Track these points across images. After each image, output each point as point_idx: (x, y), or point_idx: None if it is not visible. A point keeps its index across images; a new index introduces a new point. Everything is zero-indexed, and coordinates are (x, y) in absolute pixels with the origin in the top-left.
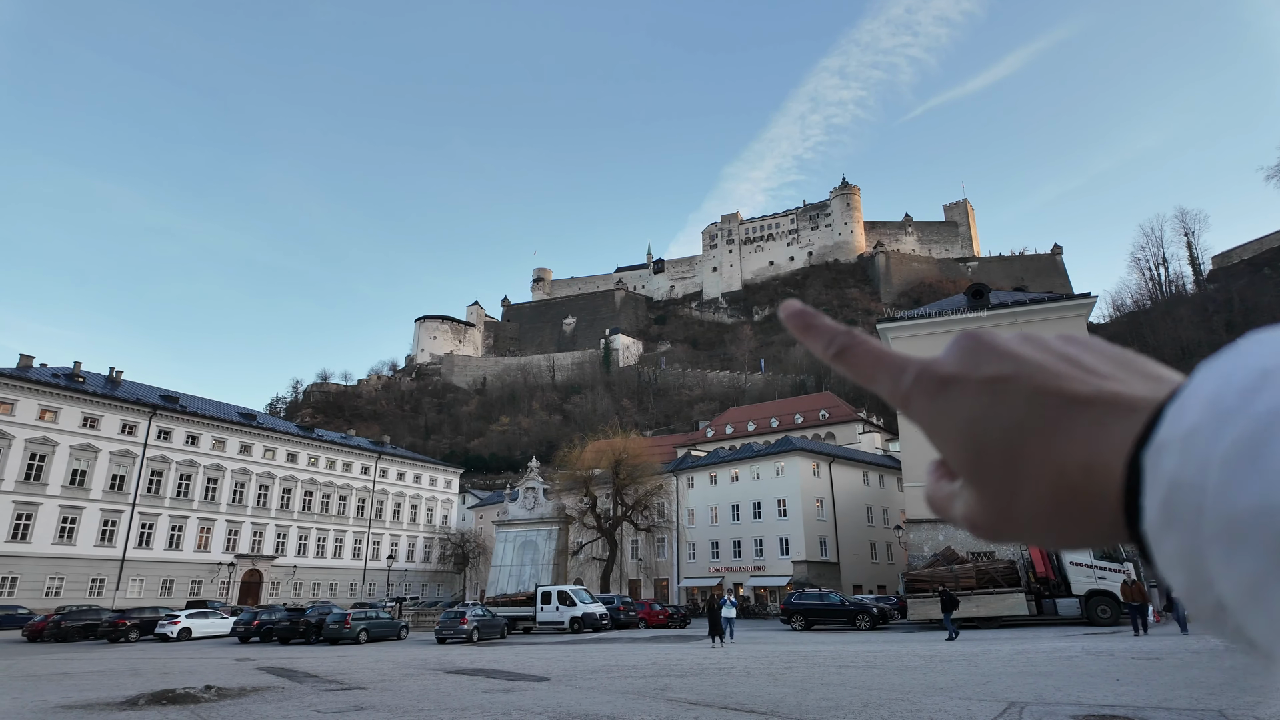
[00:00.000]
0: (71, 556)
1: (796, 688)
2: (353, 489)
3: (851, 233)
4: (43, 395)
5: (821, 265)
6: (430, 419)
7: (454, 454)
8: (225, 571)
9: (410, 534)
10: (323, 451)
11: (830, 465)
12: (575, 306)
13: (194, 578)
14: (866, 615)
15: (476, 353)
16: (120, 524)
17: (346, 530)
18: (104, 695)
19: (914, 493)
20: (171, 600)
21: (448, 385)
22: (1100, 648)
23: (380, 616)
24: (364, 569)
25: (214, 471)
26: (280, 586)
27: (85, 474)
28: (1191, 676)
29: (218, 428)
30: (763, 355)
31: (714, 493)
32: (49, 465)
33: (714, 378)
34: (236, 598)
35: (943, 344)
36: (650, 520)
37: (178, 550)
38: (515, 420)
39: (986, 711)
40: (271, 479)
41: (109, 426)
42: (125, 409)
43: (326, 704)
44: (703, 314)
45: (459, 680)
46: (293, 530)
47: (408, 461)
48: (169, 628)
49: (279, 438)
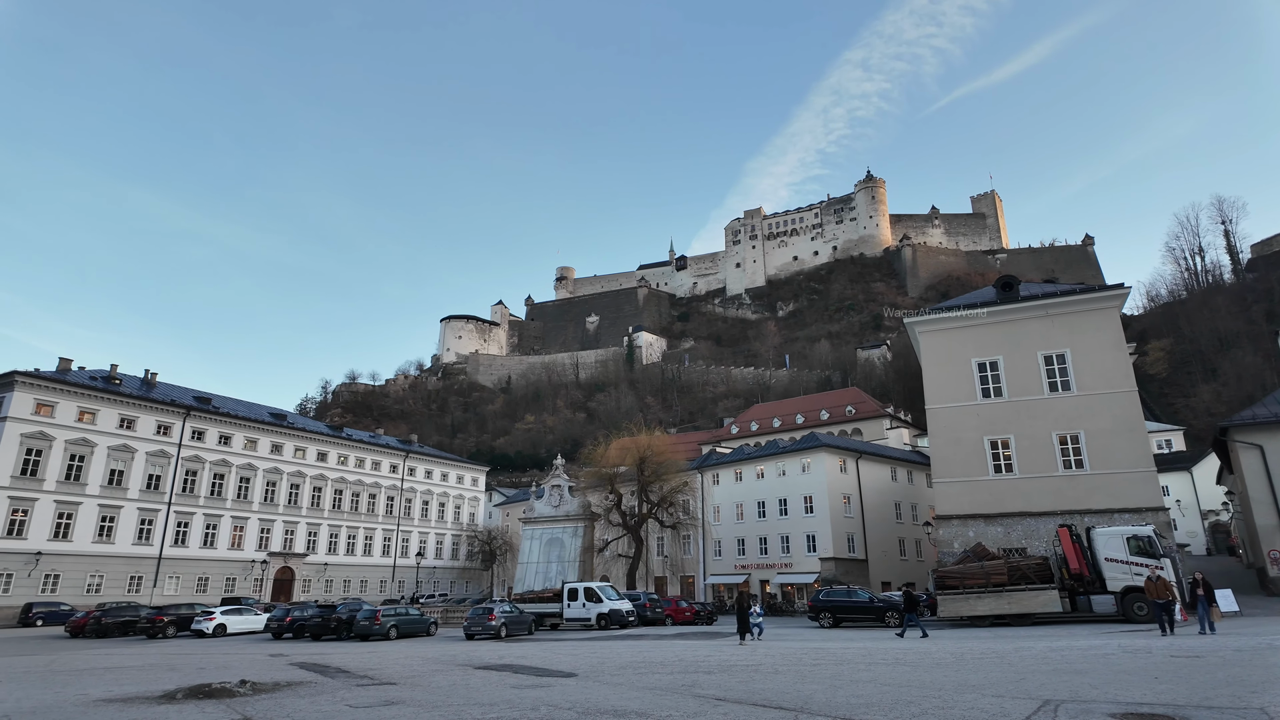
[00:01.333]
0: (111, 555)
1: (825, 684)
2: (382, 487)
3: (877, 226)
4: (81, 397)
5: (846, 259)
6: (456, 418)
7: (480, 452)
8: (258, 569)
9: (438, 531)
10: (352, 451)
11: (857, 461)
12: (598, 305)
13: (228, 575)
14: (896, 612)
15: (501, 352)
16: (157, 523)
17: (376, 528)
18: (143, 689)
19: (943, 488)
20: (207, 597)
21: (473, 384)
22: (1137, 645)
23: (409, 613)
24: (393, 566)
25: (246, 471)
26: (312, 583)
27: (123, 474)
28: (1233, 675)
29: (249, 428)
30: (787, 351)
31: (739, 490)
32: (88, 466)
33: (738, 374)
34: (269, 595)
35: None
36: (675, 517)
37: (212, 548)
38: (540, 418)
39: (1020, 709)
40: (302, 478)
41: (145, 427)
42: (160, 410)
43: (358, 699)
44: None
45: (488, 676)
46: (323, 528)
47: (435, 460)
48: (204, 624)
49: (309, 437)
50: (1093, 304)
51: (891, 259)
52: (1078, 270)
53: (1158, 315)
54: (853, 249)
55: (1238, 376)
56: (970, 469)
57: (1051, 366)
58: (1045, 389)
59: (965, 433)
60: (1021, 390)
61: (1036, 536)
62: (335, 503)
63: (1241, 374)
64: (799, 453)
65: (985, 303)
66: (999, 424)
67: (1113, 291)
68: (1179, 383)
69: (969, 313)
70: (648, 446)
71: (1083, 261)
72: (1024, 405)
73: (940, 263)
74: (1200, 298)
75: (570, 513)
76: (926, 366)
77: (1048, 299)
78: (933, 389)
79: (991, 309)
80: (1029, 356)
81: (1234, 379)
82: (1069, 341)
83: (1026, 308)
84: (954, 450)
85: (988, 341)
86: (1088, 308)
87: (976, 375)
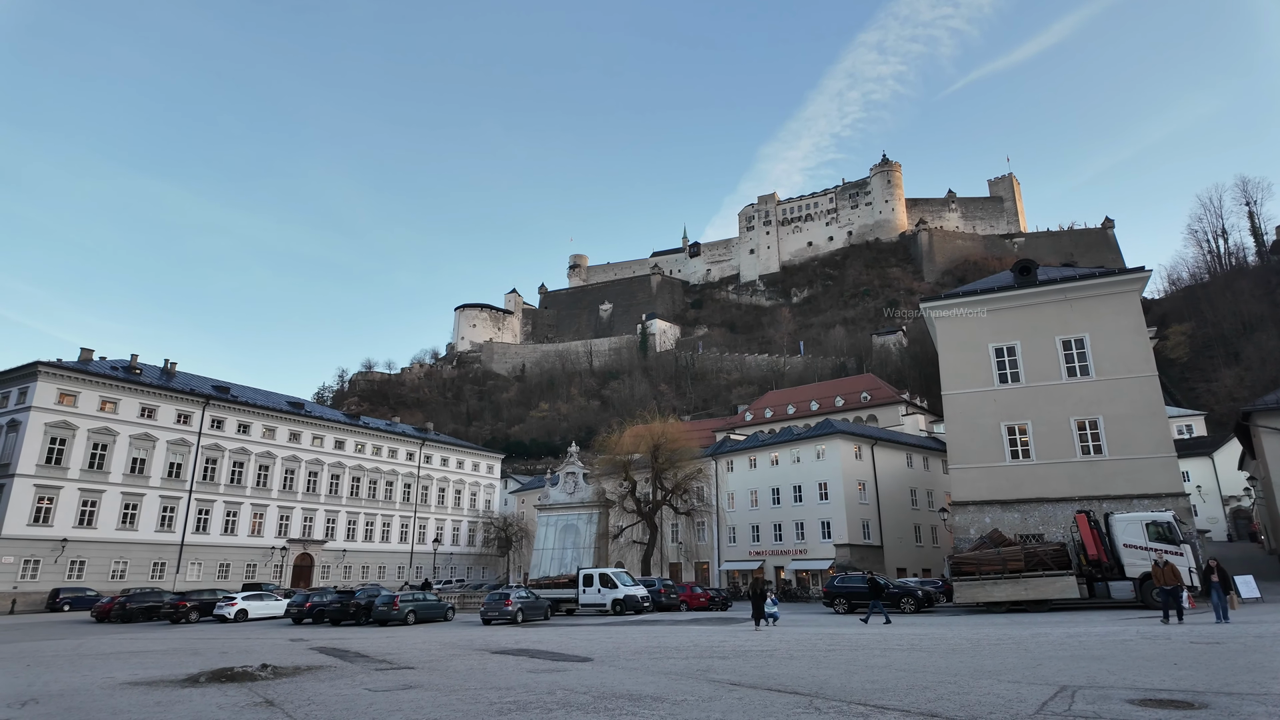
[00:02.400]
0: (134, 541)
1: (840, 670)
2: (398, 474)
3: (893, 211)
4: (103, 387)
5: (862, 245)
6: (471, 406)
7: (495, 440)
8: (278, 555)
9: (455, 518)
10: (369, 438)
11: (873, 448)
12: (611, 292)
13: (249, 561)
14: (911, 598)
15: (515, 340)
16: (178, 510)
17: (394, 515)
18: (167, 673)
19: (959, 474)
20: (228, 583)
21: (488, 372)
22: (1156, 632)
23: (427, 598)
24: (410, 552)
25: (265, 459)
26: (330, 570)
27: (144, 462)
28: (1254, 661)
29: (268, 416)
30: (802, 338)
31: (754, 476)
32: (110, 454)
33: (752, 361)
34: (289, 580)
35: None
36: (690, 504)
37: (233, 535)
38: (554, 406)
39: (1036, 695)
40: (320, 465)
41: (165, 416)
42: (180, 399)
43: (377, 683)
44: (740, 297)
45: (504, 660)
46: (341, 515)
47: (451, 447)
48: (226, 609)
49: (327, 425)
50: (1112, 288)
51: (908, 244)
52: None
53: (1179, 299)
54: (868, 234)
55: (1261, 360)
56: (987, 455)
57: (1070, 351)
58: (1064, 374)
59: (982, 418)
60: (1039, 375)
61: (1054, 522)
62: (353, 490)
63: (1265, 358)
64: (814, 439)
65: (1003, 287)
66: (1016, 409)
67: (1133, 275)
68: (1200, 367)
69: (986, 297)
70: (662, 434)
71: (1102, 245)
72: (1042, 390)
73: (957, 247)
74: (1223, 281)
75: (585, 500)
76: (943, 352)
77: (1066, 283)
78: (949, 375)
79: (1009, 293)
80: (1047, 341)
81: (1257, 363)
82: (1088, 326)
83: (1045, 292)
84: (971, 436)
85: (1005, 326)
86: (1107, 292)
87: (994, 360)
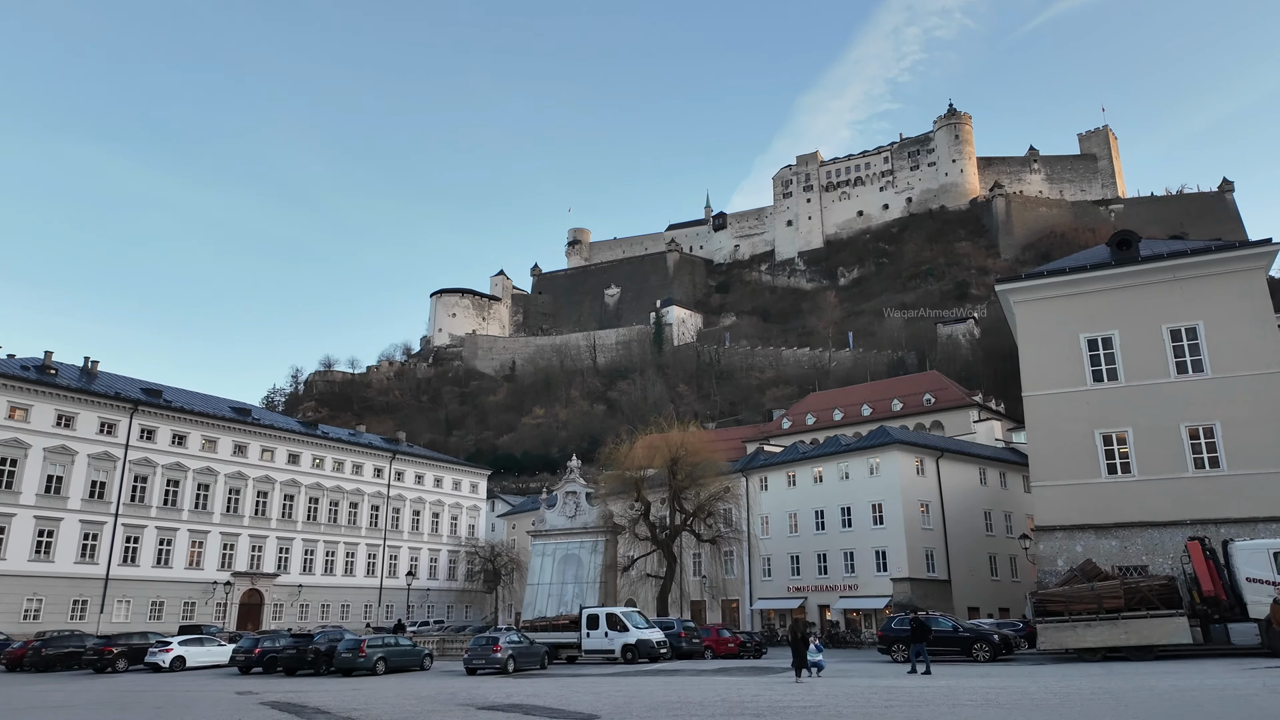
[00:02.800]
0: (50, 575)
1: None
2: (364, 495)
3: (961, 172)
4: (11, 391)
5: (924, 214)
6: (452, 411)
7: (480, 452)
8: (221, 591)
9: (432, 546)
10: (329, 451)
11: (938, 461)
12: (620, 273)
13: (186, 598)
14: (985, 644)
15: (503, 332)
16: (103, 537)
17: (359, 543)
18: None
19: (1043, 493)
20: (162, 625)
21: (471, 371)
22: None
23: (399, 643)
24: (379, 588)
25: (205, 476)
26: (284, 609)
27: (62, 480)
28: None
29: (208, 425)
30: (850, 328)
31: (793, 496)
32: (21, 471)
33: (790, 356)
34: (235, 622)
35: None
36: (715, 530)
37: (167, 567)
38: (551, 411)
39: None
40: (271, 484)
41: (86, 425)
42: (104, 405)
43: None
44: (775, 278)
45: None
46: (297, 543)
47: (427, 462)
48: (160, 656)
49: (278, 436)
50: (1232, 265)
51: (980, 212)
52: (1213, 223)
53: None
54: (931, 201)
55: None
56: (1077, 469)
57: (1179, 343)
58: (1171, 370)
59: (1071, 425)
60: (1141, 373)
61: (1160, 552)
62: (310, 513)
63: None
64: (866, 451)
65: (1097, 265)
66: (1113, 414)
67: (1258, 249)
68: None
69: (1076, 277)
70: (681, 445)
71: (1220, 212)
72: (1144, 391)
73: (1040, 216)
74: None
75: (588, 524)
76: (1023, 344)
77: (1175, 259)
78: (1031, 372)
79: (1105, 272)
80: (1151, 331)
81: None
82: (1202, 312)
83: (1148, 270)
84: (1057, 447)
85: (1100, 313)
86: (1226, 270)
87: (1086, 354)
